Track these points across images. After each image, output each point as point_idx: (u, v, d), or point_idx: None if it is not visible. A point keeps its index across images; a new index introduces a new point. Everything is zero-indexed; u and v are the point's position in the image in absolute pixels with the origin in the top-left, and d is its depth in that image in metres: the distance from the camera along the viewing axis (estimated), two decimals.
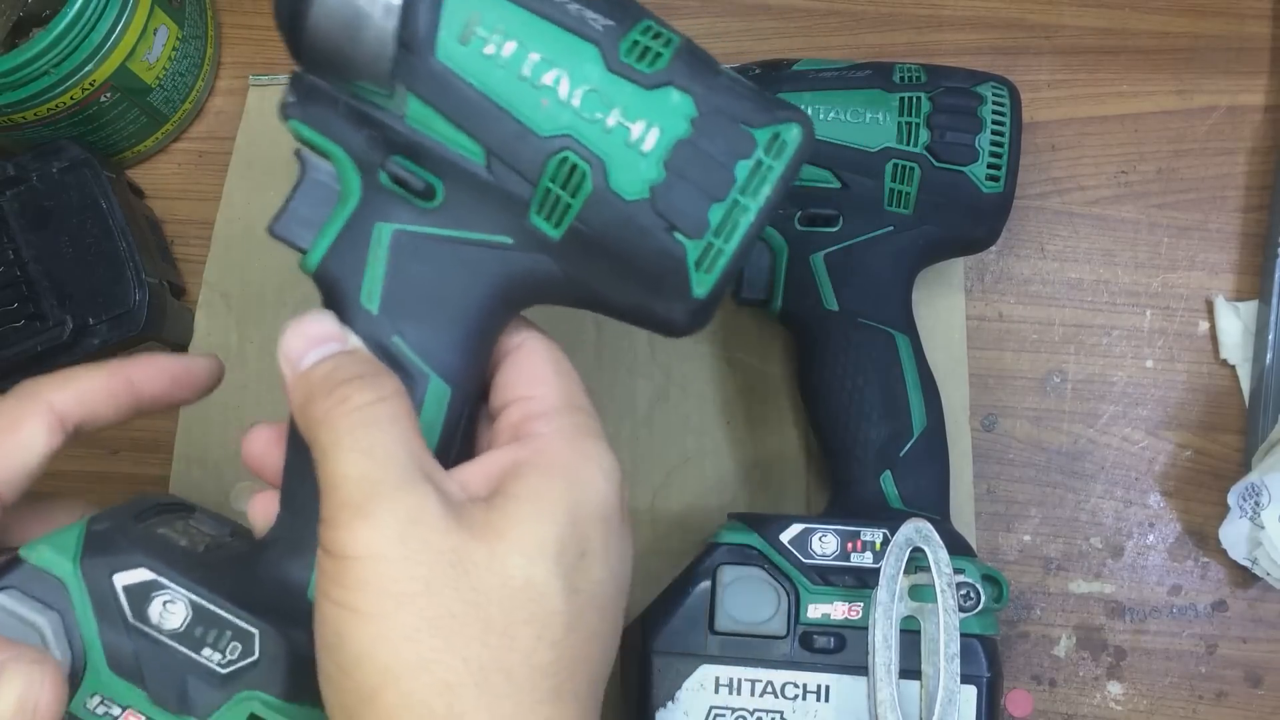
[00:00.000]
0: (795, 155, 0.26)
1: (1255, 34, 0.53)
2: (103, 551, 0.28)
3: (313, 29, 0.26)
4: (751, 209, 0.26)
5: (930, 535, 0.38)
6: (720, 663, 0.40)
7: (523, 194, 0.26)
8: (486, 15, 0.25)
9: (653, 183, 0.25)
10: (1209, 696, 0.48)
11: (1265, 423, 0.48)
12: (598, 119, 0.25)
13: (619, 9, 0.26)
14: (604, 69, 0.25)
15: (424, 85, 0.26)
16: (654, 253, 0.26)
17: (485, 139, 0.26)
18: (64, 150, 0.47)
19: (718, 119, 0.26)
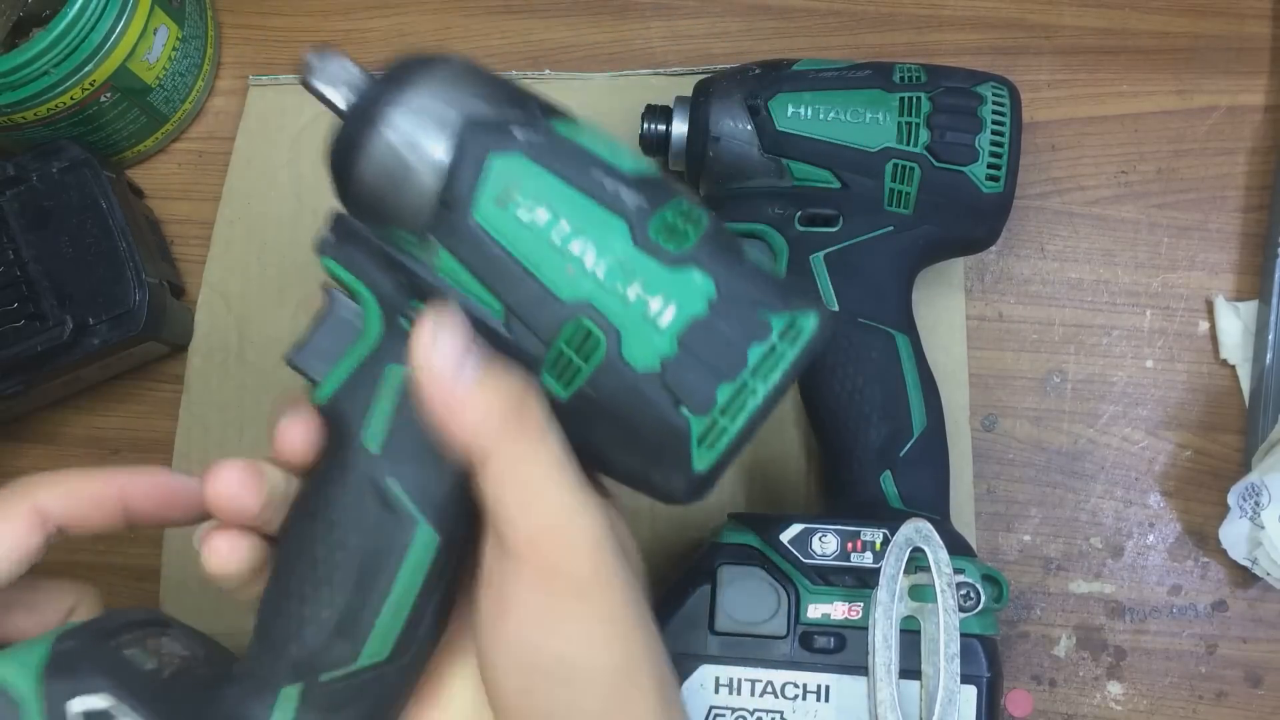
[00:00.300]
0: (810, 343, 0.27)
1: (1255, 34, 0.53)
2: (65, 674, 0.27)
3: (360, 177, 0.27)
4: (760, 392, 0.26)
5: (930, 535, 0.38)
6: (720, 663, 0.40)
7: (536, 353, 0.27)
8: (526, 183, 0.26)
9: (665, 356, 0.26)
10: (1209, 696, 0.48)
11: (1265, 423, 0.48)
12: (618, 290, 0.26)
13: (652, 188, 0.27)
14: (630, 244, 0.26)
15: (457, 241, 0.27)
16: (658, 424, 0.26)
17: (507, 297, 0.27)
18: (64, 150, 0.47)
19: (736, 301, 0.26)
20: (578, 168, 0.27)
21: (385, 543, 0.28)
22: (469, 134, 0.27)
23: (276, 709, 0.28)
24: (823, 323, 0.27)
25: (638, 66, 0.53)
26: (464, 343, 0.26)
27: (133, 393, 0.52)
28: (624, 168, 0.27)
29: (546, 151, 0.27)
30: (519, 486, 0.26)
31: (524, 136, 0.27)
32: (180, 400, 0.51)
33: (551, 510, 0.26)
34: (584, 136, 0.28)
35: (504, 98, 0.27)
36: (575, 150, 0.27)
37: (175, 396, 0.51)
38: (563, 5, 0.54)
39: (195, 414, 0.51)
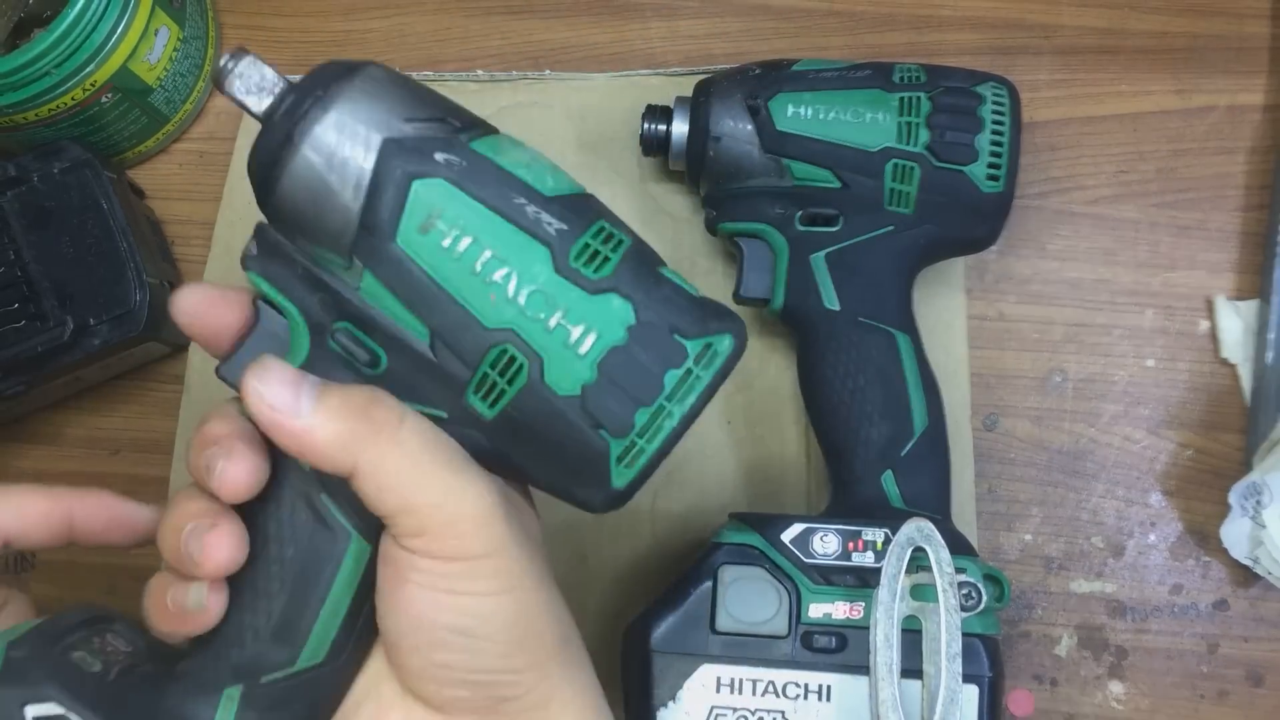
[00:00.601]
0: (724, 365, 0.28)
1: (1255, 34, 0.53)
2: (17, 681, 0.28)
3: (282, 192, 0.27)
4: (676, 415, 0.27)
5: (932, 535, 0.38)
6: (722, 662, 0.40)
7: (461, 376, 0.27)
8: (448, 210, 0.27)
9: (585, 383, 0.27)
10: (1210, 695, 0.48)
11: (1266, 422, 0.48)
12: (540, 318, 0.27)
13: (574, 213, 0.28)
14: (552, 271, 0.27)
15: (380, 265, 0.27)
16: (578, 445, 0.27)
17: (432, 322, 0.27)
18: (65, 150, 0.47)
19: (653, 328, 0.27)
20: (500, 193, 0.27)
21: (320, 555, 0.29)
22: (390, 156, 0.26)
23: (220, 708, 0.29)
24: (738, 343, 0.28)
25: (638, 66, 0.53)
26: (291, 379, 0.27)
27: (133, 393, 0.52)
28: (545, 190, 0.27)
29: (469, 176, 0.27)
30: (389, 484, 0.27)
31: (445, 160, 0.27)
32: (180, 400, 0.51)
33: (429, 494, 0.27)
34: (505, 156, 0.28)
35: (425, 113, 0.27)
36: (497, 173, 0.27)
37: (175, 396, 0.51)
38: (563, 5, 0.55)
39: (195, 414, 0.51)
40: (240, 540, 0.28)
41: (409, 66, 0.54)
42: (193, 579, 0.28)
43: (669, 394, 0.27)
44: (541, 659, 0.29)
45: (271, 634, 0.29)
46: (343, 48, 0.54)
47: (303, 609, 0.29)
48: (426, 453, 0.27)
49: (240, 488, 0.27)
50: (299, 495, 0.29)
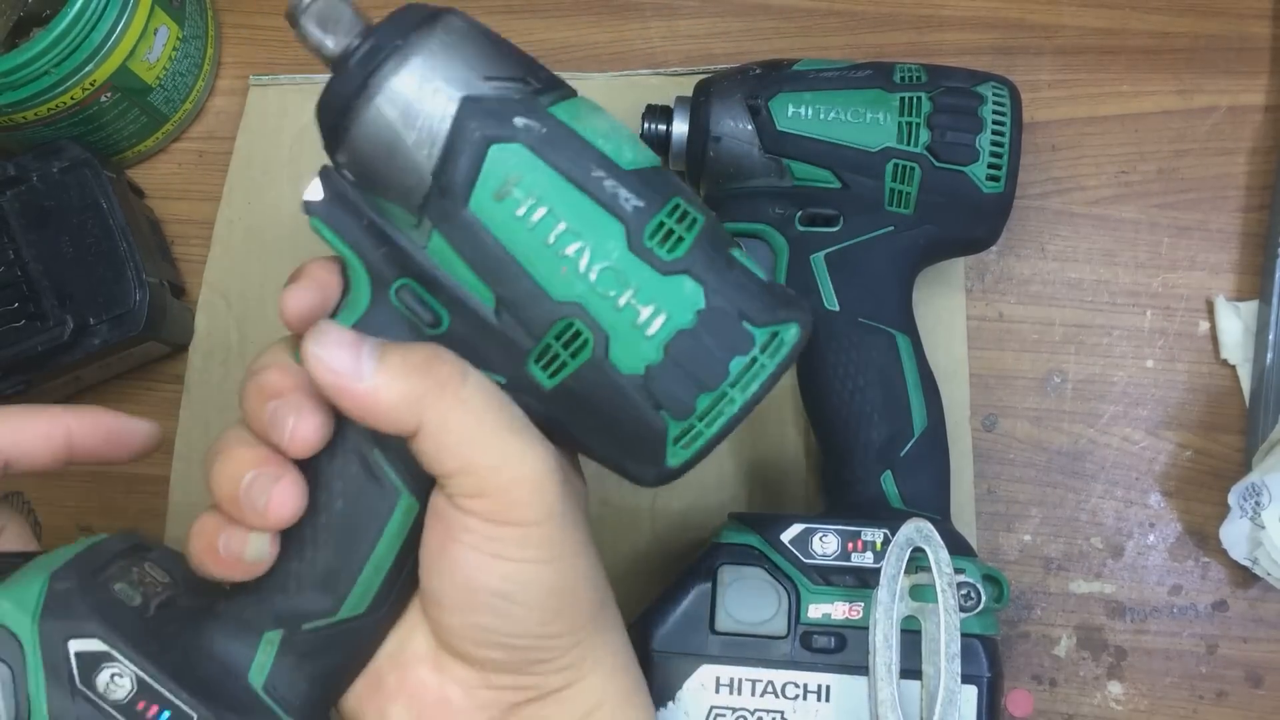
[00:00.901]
0: (790, 354, 0.27)
1: (1255, 34, 0.53)
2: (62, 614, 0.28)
3: (353, 142, 0.26)
4: (738, 401, 0.27)
5: (931, 535, 0.38)
6: (721, 662, 0.40)
7: (524, 344, 0.27)
8: (525, 177, 0.26)
9: (650, 363, 0.26)
10: (1209, 696, 0.48)
11: (1265, 423, 0.48)
12: (610, 296, 0.26)
13: (651, 189, 0.27)
14: (625, 249, 0.26)
15: (450, 228, 0.26)
16: (637, 423, 0.27)
17: (499, 290, 0.27)
18: (64, 150, 0.47)
19: (722, 313, 0.27)
20: (579, 163, 0.26)
21: (370, 510, 0.29)
22: (468, 117, 0.26)
23: (260, 650, 0.29)
24: (804, 332, 0.28)
25: (638, 66, 0.53)
26: (351, 341, 0.26)
27: (133, 393, 0.52)
28: (624, 162, 0.27)
29: (548, 144, 0.26)
30: (451, 443, 0.26)
31: (525, 125, 0.26)
32: (180, 400, 0.51)
33: (490, 456, 0.27)
34: (585, 125, 0.27)
35: (506, 71, 0.26)
36: (577, 143, 0.26)
37: (175, 396, 0.51)
38: (563, 5, 0.54)
39: (195, 414, 0.51)
40: (303, 494, 0.27)
41: None
42: (250, 527, 0.27)
43: (733, 380, 0.27)
44: (577, 624, 0.29)
45: (316, 583, 0.29)
46: None
47: (348, 561, 0.29)
48: (490, 412, 0.27)
49: (309, 446, 0.27)
50: (353, 449, 0.28)
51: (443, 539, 0.27)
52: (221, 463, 0.28)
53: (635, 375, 0.26)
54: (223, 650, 0.29)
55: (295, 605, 0.29)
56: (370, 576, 0.29)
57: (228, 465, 0.27)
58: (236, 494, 0.27)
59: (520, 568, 0.27)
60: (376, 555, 0.29)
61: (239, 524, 0.27)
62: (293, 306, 0.29)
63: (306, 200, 0.28)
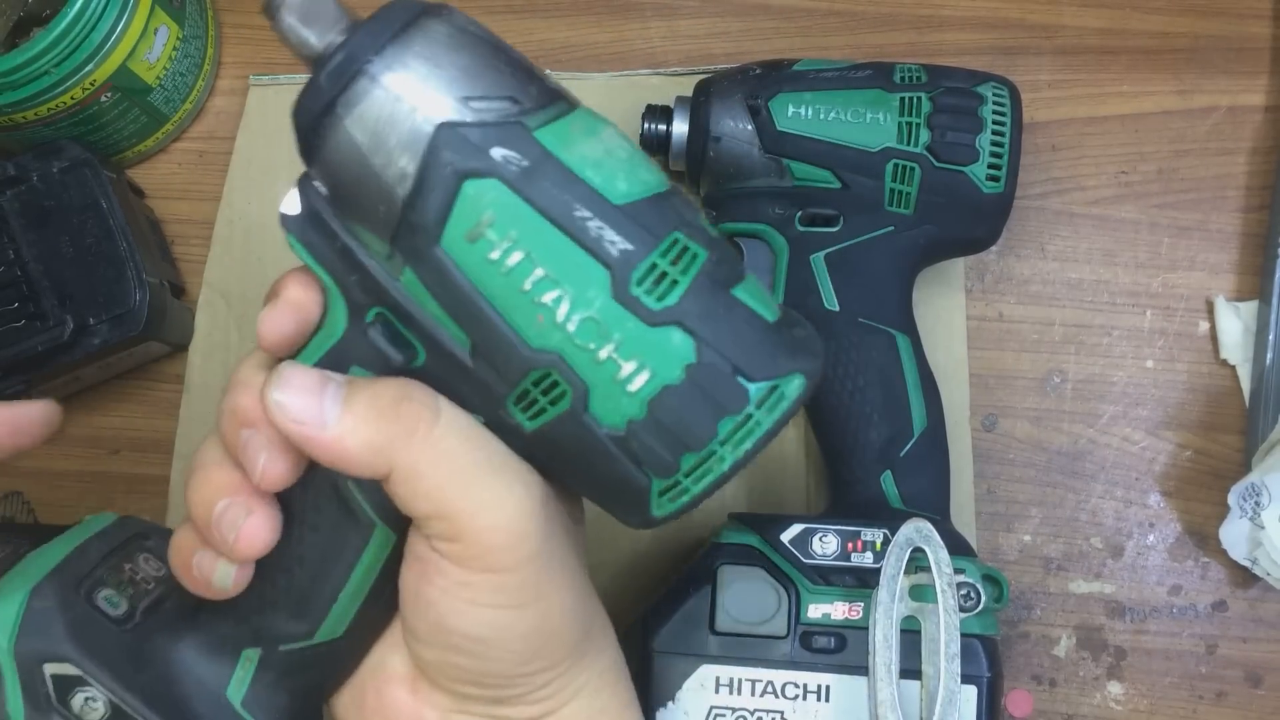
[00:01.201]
0: (789, 409, 0.25)
1: (1255, 34, 0.53)
2: (38, 636, 0.28)
3: (323, 164, 0.25)
4: (727, 460, 0.25)
5: (931, 535, 0.38)
6: (721, 663, 0.40)
7: (500, 389, 0.25)
8: (500, 218, 0.24)
9: (632, 419, 0.24)
10: (1209, 696, 0.48)
11: (1265, 423, 0.48)
12: (590, 349, 0.24)
13: (644, 226, 0.24)
14: (609, 297, 0.24)
15: (421, 266, 0.24)
16: (618, 476, 0.25)
17: (473, 334, 0.25)
18: (64, 150, 0.47)
19: (713, 370, 0.24)
20: (561, 201, 0.24)
21: (344, 542, 0.28)
22: (442, 147, 0.23)
23: (239, 667, 0.29)
24: (810, 383, 0.25)
25: (638, 66, 0.53)
26: (313, 386, 0.25)
27: (133, 393, 0.52)
28: (614, 197, 0.24)
29: (528, 178, 0.24)
30: (424, 489, 0.25)
31: (504, 157, 0.24)
32: (180, 400, 0.51)
33: (465, 501, 0.25)
34: (574, 152, 0.24)
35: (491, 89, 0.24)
36: (562, 176, 0.24)
37: (175, 396, 0.51)
38: (563, 5, 0.54)
39: (195, 414, 0.51)
40: (274, 529, 0.27)
41: None
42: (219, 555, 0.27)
43: (723, 439, 0.25)
44: (557, 660, 0.28)
45: (291, 608, 0.28)
46: None
47: (323, 590, 0.28)
48: (464, 454, 0.25)
49: (279, 484, 0.26)
50: (325, 481, 0.27)
51: (418, 578, 0.27)
52: (196, 483, 0.27)
53: (615, 430, 0.25)
54: (201, 667, 0.29)
55: (271, 626, 0.29)
56: (345, 605, 0.28)
57: (202, 488, 0.27)
58: (209, 521, 0.27)
59: (496, 614, 0.26)
60: (351, 585, 0.28)
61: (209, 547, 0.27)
62: (269, 332, 0.27)
63: (283, 214, 0.26)
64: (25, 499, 0.51)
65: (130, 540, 0.31)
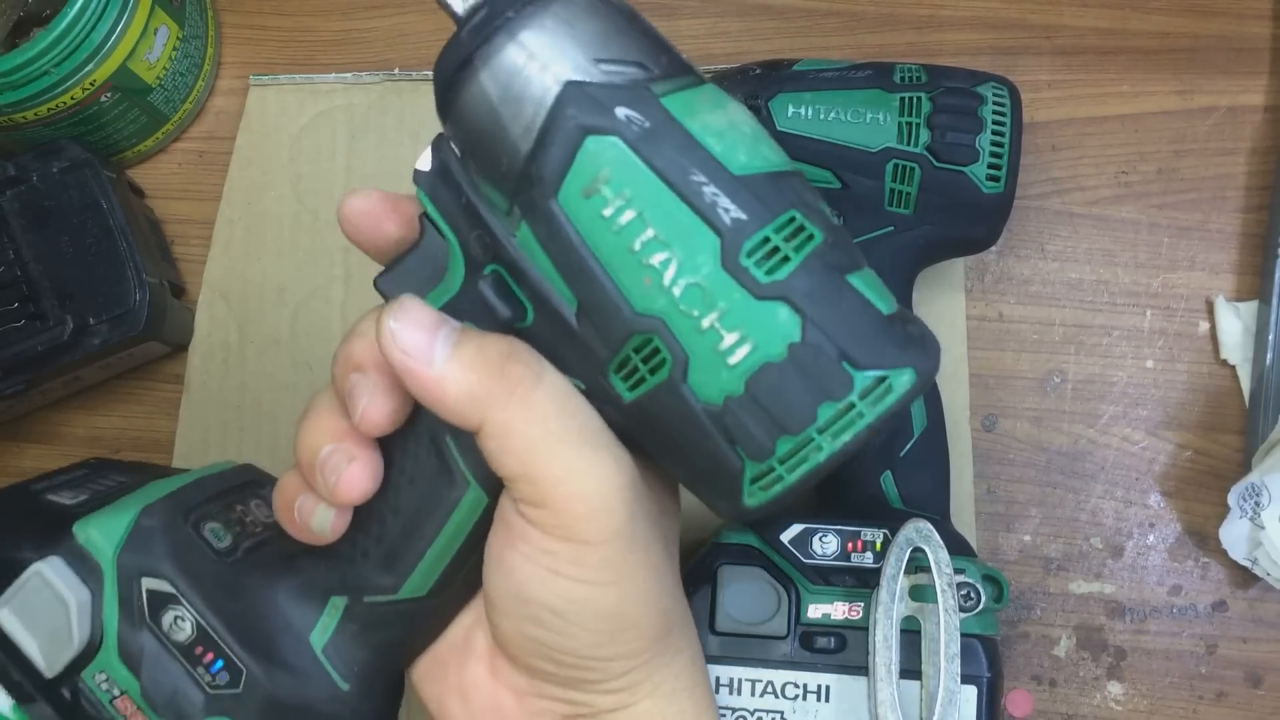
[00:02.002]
0: (897, 403, 0.24)
1: (1255, 34, 0.53)
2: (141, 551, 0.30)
3: (457, 116, 0.25)
4: (825, 450, 0.24)
5: (931, 535, 0.38)
6: (720, 663, 0.40)
7: (602, 354, 0.25)
8: (616, 175, 0.24)
9: (729, 394, 0.24)
10: (1209, 697, 0.48)
11: (1265, 423, 0.48)
12: (694, 316, 0.24)
13: (761, 198, 0.24)
14: (717, 265, 0.24)
15: (536, 221, 0.25)
16: (712, 455, 0.25)
17: (580, 293, 0.25)
18: (64, 150, 0.47)
19: (820, 350, 0.24)
20: (679, 165, 0.24)
21: (437, 498, 0.28)
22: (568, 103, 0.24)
23: (324, 613, 0.30)
24: (919, 380, 0.24)
25: None
26: (429, 323, 0.26)
27: (133, 393, 0.52)
28: (733, 166, 0.24)
29: (649, 139, 0.24)
30: (514, 447, 0.25)
31: (627, 116, 0.24)
32: (180, 400, 0.51)
33: (553, 467, 0.25)
34: (697, 120, 0.24)
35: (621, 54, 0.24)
36: (683, 140, 0.24)
37: (175, 396, 0.51)
38: None
39: (195, 414, 0.51)
40: (374, 477, 0.27)
41: (409, 66, 0.54)
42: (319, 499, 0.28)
43: (821, 426, 0.24)
44: (635, 649, 0.28)
45: (380, 560, 0.29)
46: (342, 47, 0.54)
47: (412, 544, 0.29)
48: (559, 420, 0.25)
49: (378, 428, 0.27)
50: (426, 434, 0.28)
51: (503, 543, 0.27)
52: (306, 427, 0.28)
53: (712, 405, 0.24)
54: (289, 607, 0.30)
55: (360, 576, 0.29)
56: (432, 562, 0.29)
57: (310, 433, 0.28)
58: (314, 464, 0.27)
59: (574, 586, 0.26)
60: (439, 543, 0.28)
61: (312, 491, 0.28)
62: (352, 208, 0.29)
63: (416, 170, 0.27)
64: None
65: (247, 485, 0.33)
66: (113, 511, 0.31)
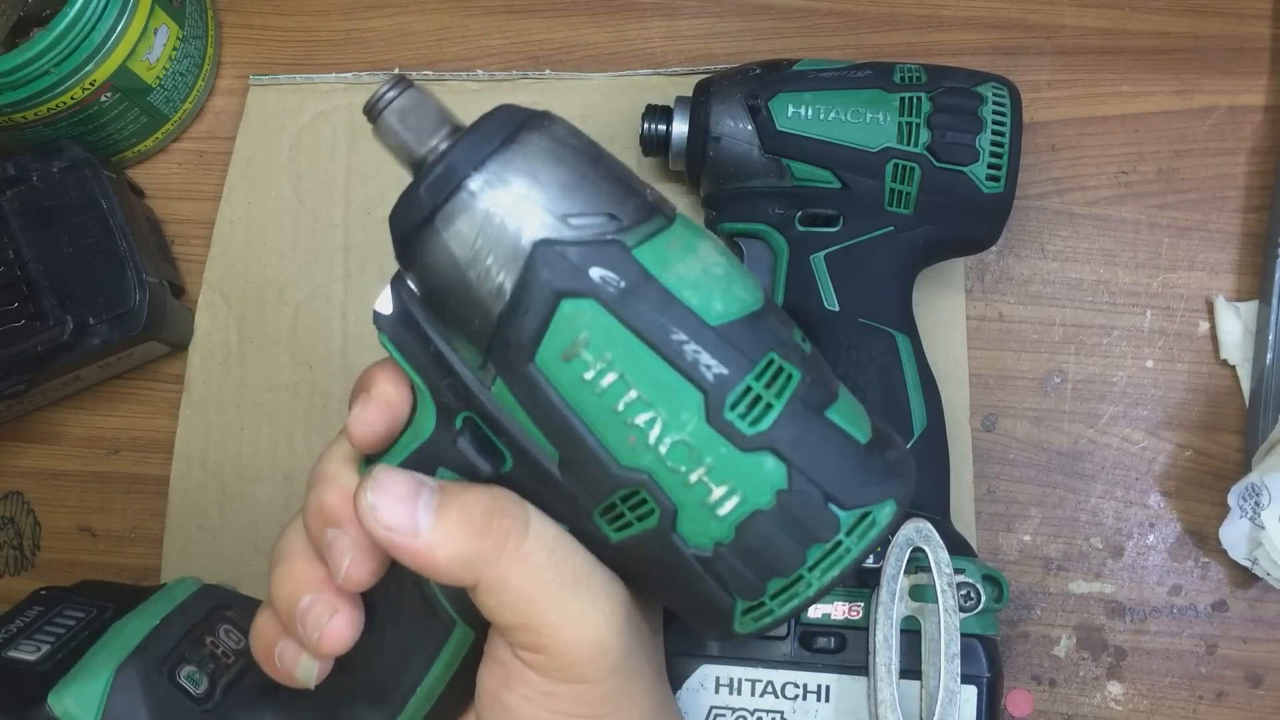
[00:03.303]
0: (879, 535, 0.25)
1: (1255, 34, 0.53)
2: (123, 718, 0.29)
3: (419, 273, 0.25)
4: (814, 587, 0.24)
5: (931, 535, 0.38)
6: (720, 662, 0.40)
7: (588, 503, 0.25)
8: (596, 339, 0.23)
9: (720, 541, 0.24)
10: (1209, 697, 0.48)
11: (1265, 423, 0.48)
12: (681, 471, 0.24)
13: (739, 348, 0.24)
14: (703, 421, 0.24)
15: (514, 381, 0.24)
16: (703, 594, 0.25)
17: (562, 449, 0.25)
18: (64, 150, 0.47)
19: (805, 498, 0.24)
20: (658, 324, 0.24)
21: (424, 638, 0.28)
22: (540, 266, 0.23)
23: None
24: (900, 511, 0.25)
25: (638, 66, 0.53)
26: (407, 492, 0.25)
27: (133, 393, 0.52)
28: (712, 317, 0.24)
29: (626, 300, 0.23)
30: (510, 601, 0.25)
31: (602, 278, 0.23)
32: (180, 400, 0.51)
33: (550, 614, 0.25)
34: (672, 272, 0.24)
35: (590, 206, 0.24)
36: (660, 297, 0.24)
37: (175, 396, 0.51)
38: (563, 5, 0.54)
39: (195, 414, 0.51)
40: (358, 627, 0.27)
41: (409, 66, 0.54)
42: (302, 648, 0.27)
43: (810, 565, 0.24)
44: None
45: (370, 697, 0.29)
46: (342, 47, 0.54)
47: (401, 681, 0.28)
48: (551, 568, 0.25)
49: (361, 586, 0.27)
50: (409, 578, 0.27)
51: (499, 684, 0.27)
52: (280, 575, 0.27)
53: (702, 551, 0.24)
54: None
55: (350, 714, 0.29)
56: (423, 698, 0.28)
57: (286, 581, 0.27)
58: (293, 614, 0.27)
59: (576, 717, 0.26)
60: (430, 679, 0.28)
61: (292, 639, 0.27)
62: (361, 430, 0.27)
63: (376, 312, 0.26)
64: (25, 499, 0.51)
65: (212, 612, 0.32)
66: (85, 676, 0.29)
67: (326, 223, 0.52)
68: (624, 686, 0.27)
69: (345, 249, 0.52)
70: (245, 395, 0.51)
